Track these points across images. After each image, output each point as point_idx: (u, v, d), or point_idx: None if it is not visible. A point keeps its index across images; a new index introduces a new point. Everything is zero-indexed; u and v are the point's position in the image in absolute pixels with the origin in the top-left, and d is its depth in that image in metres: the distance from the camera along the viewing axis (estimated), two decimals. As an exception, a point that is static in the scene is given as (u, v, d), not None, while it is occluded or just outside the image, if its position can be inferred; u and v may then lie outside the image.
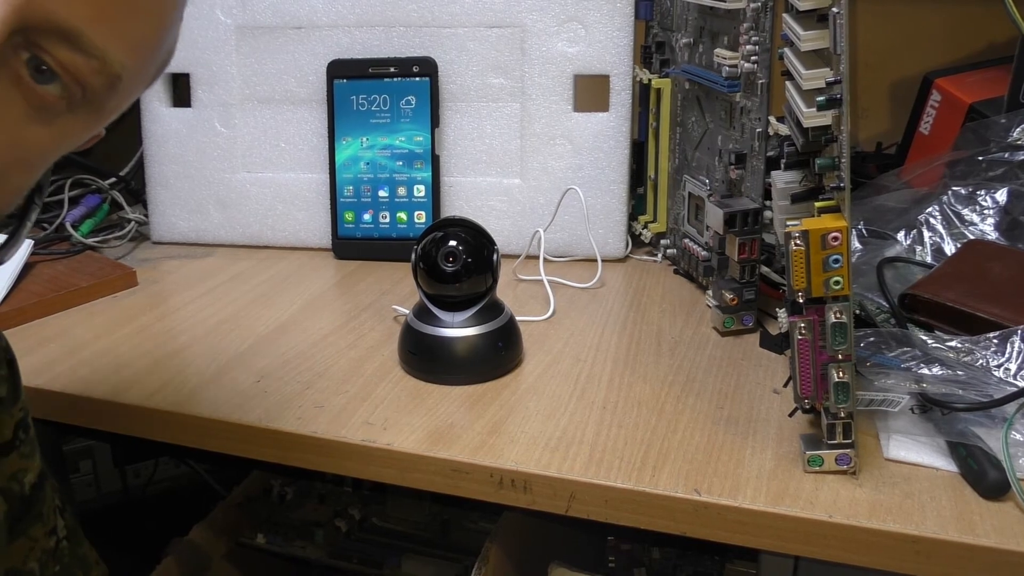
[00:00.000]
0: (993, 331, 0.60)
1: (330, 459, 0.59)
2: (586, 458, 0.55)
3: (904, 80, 1.05)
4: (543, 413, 0.61)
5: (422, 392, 0.64)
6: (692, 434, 0.58)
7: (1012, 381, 0.56)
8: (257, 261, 0.91)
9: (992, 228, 0.75)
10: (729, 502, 0.51)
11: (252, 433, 0.60)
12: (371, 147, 0.91)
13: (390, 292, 0.83)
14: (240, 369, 0.68)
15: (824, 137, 0.54)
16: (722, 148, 0.77)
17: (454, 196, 0.91)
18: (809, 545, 0.50)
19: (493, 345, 0.66)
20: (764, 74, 0.70)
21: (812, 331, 0.51)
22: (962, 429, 0.54)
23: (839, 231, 0.49)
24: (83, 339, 0.73)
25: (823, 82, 0.52)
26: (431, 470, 0.56)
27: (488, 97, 0.89)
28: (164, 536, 0.81)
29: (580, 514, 0.54)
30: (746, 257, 0.71)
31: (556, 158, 0.89)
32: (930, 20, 1.04)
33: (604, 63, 0.86)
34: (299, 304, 0.80)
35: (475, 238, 0.67)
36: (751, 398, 0.62)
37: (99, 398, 0.64)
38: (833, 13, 0.50)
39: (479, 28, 0.88)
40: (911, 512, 0.50)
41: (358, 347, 0.71)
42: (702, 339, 0.72)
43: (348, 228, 0.92)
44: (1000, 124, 0.80)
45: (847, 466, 0.53)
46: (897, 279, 0.71)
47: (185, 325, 0.76)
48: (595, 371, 0.67)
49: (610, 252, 0.89)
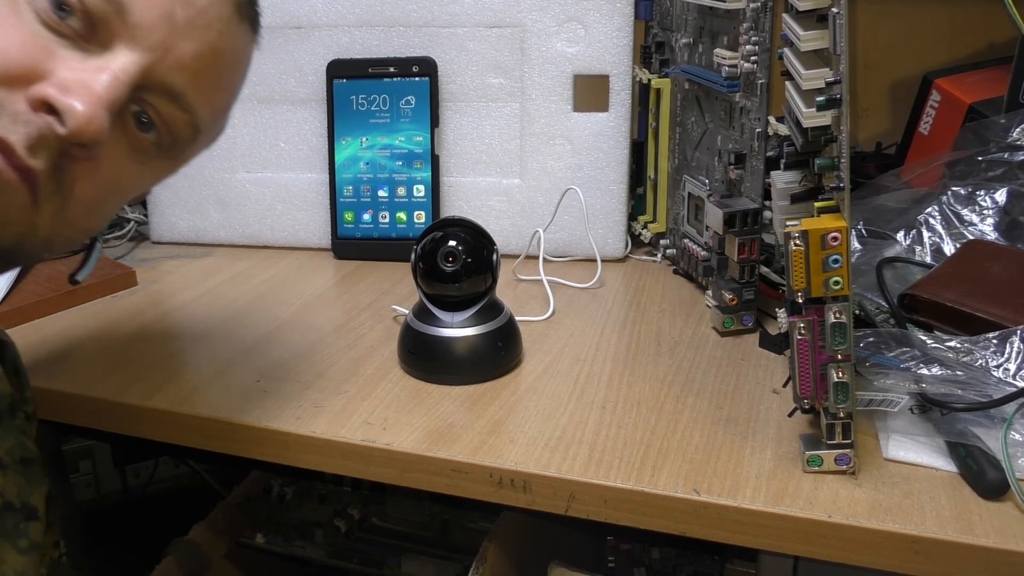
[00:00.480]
0: (992, 331, 0.60)
1: (330, 459, 0.59)
2: (585, 458, 0.55)
3: (904, 80, 1.05)
4: (543, 413, 0.61)
5: (422, 392, 0.64)
6: (692, 434, 0.58)
7: (1011, 381, 0.56)
8: (257, 261, 0.91)
9: (991, 228, 0.75)
10: (728, 502, 0.51)
11: (252, 433, 0.60)
12: (371, 147, 0.91)
13: (390, 292, 0.83)
14: (240, 369, 0.68)
15: (824, 137, 0.54)
16: (722, 148, 0.78)
17: (454, 196, 0.91)
18: (808, 545, 0.50)
19: (493, 345, 0.66)
20: (764, 74, 0.70)
21: (811, 331, 0.51)
22: (961, 429, 0.54)
23: (839, 231, 0.49)
24: (83, 339, 0.73)
25: (823, 82, 0.52)
26: (431, 470, 0.57)
27: (488, 97, 0.89)
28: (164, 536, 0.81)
29: (579, 514, 0.54)
30: (746, 257, 0.71)
31: (556, 158, 0.89)
32: (930, 20, 1.05)
33: (604, 63, 0.86)
34: (299, 304, 0.80)
35: (475, 238, 0.67)
36: (750, 398, 0.62)
37: (99, 398, 0.64)
38: (833, 13, 0.50)
39: (479, 28, 0.88)
40: (910, 512, 0.50)
41: (358, 347, 0.71)
42: (702, 339, 0.72)
43: (348, 228, 0.92)
44: (1000, 124, 0.80)
45: (846, 466, 0.53)
46: (896, 279, 0.71)
47: (185, 325, 0.76)
48: (595, 371, 0.67)
49: (610, 252, 0.89)
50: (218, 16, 0.47)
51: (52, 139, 0.42)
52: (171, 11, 0.45)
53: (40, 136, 0.41)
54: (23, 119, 0.41)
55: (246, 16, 0.50)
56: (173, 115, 0.47)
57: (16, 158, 0.41)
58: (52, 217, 0.44)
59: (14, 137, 0.41)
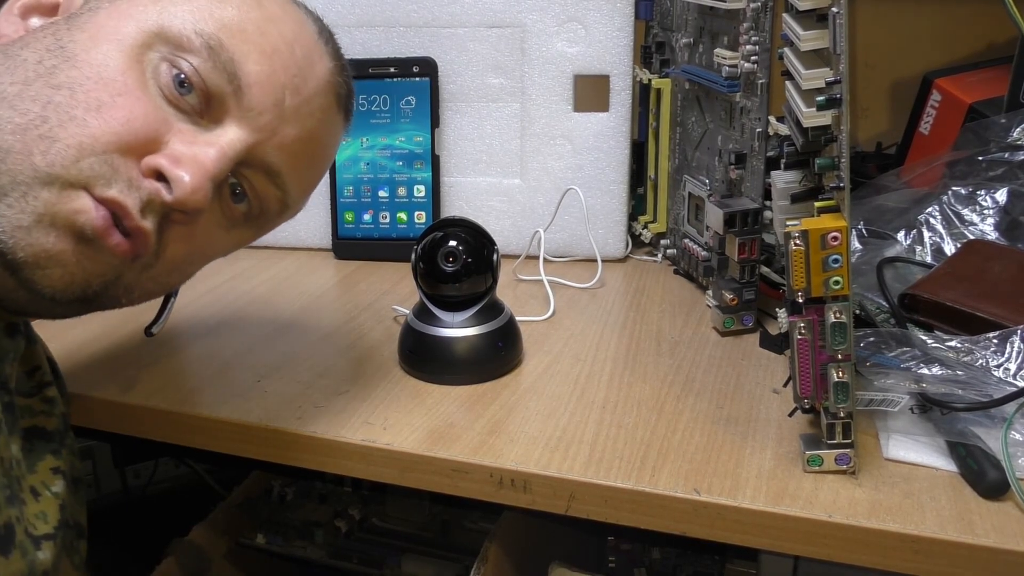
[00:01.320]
0: (993, 331, 0.60)
1: (330, 459, 0.59)
2: (586, 458, 0.55)
3: (904, 80, 1.05)
4: (543, 413, 0.61)
5: (422, 392, 0.64)
6: (692, 434, 0.58)
7: (1012, 381, 0.56)
8: (257, 261, 0.91)
9: (992, 228, 0.75)
10: (729, 502, 0.51)
11: (252, 433, 0.60)
12: (371, 147, 0.91)
13: (390, 292, 0.83)
14: (240, 369, 0.68)
15: (824, 137, 0.54)
16: (722, 148, 0.78)
17: (454, 196, 0.91)
18: (809, 545, 0.50)
19: (493, 345, 0.66)
20: (764, 74, 0.70)
21: (812, 331, 0.51)
22: (962, 429, 0.54)
23: (839, 231, 0.49)
24: (83, 339, 0.73)
25: (823, 82, 0.52)
26: (431, 470, 0.56)
27: (488, 97, 0.89)
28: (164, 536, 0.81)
29: (580, 514, 0.54)
30: (746, 257, 0.71)
31: (556, 158, 0.89)
32: (930, 20, 1.05)
33: (604, 63, 0.86)
34: (299, 304, 0.80)
35: (475, 238, 0.67)
36: (751, 398, 0.62)
37: (99, 398, 0.64)
38: (833, 13, 0.50)
39: (479, 28, 0.88)
40: (910, 512, 0.50)
41: (358, 347, 0.71)
42: (702, 339, 0.72)
43: (348, 228, 0.92)
44: (1000, 124, 0.80)
45: (846, 466, 0.53)
46: (897, 279, 0.71)
47: (185, 325, 0.76)
48: (595, 371, 0.67)
49: (610, 252, 0.89)
50: (320, 106, 0.51)
51: (158, 204, 0.45)
52: (282, 97, 0.48)
53: (150, 200, 0.45)
54: (136, 184, 0.44)
55: (343, 108, 0.55)
56: (267, 191, 0.51)
57: (131, 219, 0.44)
58: (140, 272, 0.47)
59: (130, 201, 0.44)
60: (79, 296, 0.45)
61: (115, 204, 0.43)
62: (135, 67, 0.45)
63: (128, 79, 0.44)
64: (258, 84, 0.47)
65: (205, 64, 0.46)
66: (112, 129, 0.43)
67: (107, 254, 0.44)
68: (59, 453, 0.53)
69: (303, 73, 0.50)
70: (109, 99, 0.44)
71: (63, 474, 0.53)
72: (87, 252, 0.44)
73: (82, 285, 0.45)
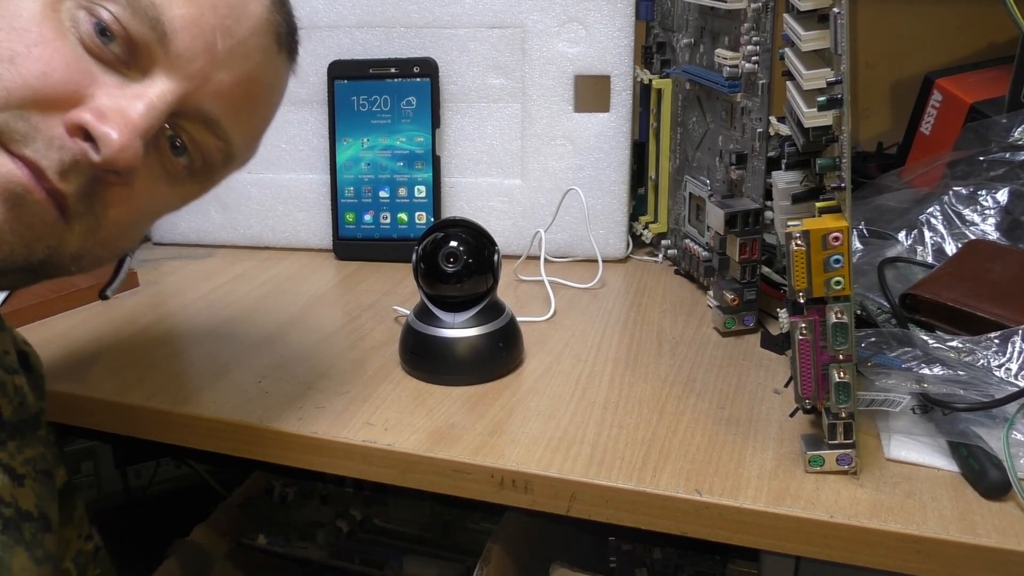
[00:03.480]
0: (994, 331, 0.60)
1: (331, 460, 0.59)
2: (587, 458, 0.55)
3: (905, 80, 1.05)
4: (544, 413, 0.61)
5: (423, 393, 0.64)
6: (693, 434, 0.58)
7: (1013, 381, 0.56)
8: (258, 262, 0.91)
9: (993, 228, 0.75)
10: (730, 502, 0.51)
11: (253, 434, 0.60)
12: (372, 148, 0.91)
13: (391, 293, 0.83)
14: (241, 370, 0.68)
15: (825, 137, 0.54)
16: (723, 148, 0.78)
17: (455, 197, 0.91)
18: (810, 545, 0.50)
19: (494, 345, 0.66)
20: (765, 74, 0.70)
21: (813, 331, 0.51)
22: (963, 429, 0.54)
23: (840, 231, 0.49)
24: (84, 340, 0.73)
25: (824, 82, 0.52)
26: (432, 470, 0.56)
27: (489, 98, 0.89)
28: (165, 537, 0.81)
29: (581, 514, 0.54)
30: (747, 257, 0.71)
31: (557, 159, 0.89)
32: (930, 20, 1.04)
33: (605, 63, 0.86)
34: (300, 305, 0.80)
35: (476, 239, 0.67)
36: (752, 398, 0.62)
37: (100, 399, 0.64)
38: (834, 13, 0.50)
39: (480, 29, 0.88)
40: (912, 512, 0.50)
41: (359, 348, 0.71)
42: (703, 339, 0.72)
43: (349, 229, 0.92)
44: (1001, 124, 0.80)
45: (848, 466, 0.53)
46: (898, 279, 0.71)
47: (186, 326, 0.76)
48: (596, 371, 0.67)
49: (611, 252, 0.89)
50: (258, 46, 0.48)
51: (85, 165, 0.42)
52: (212, 41, 0.45)
53: (73, 162, 0.41)
54: (58, 144, 0.41)
55: (285, 46, 0.51)
56: (207, 141, 0.48)
57: (46, 181, 0.41)
58: (83, 236, 0.44)
59: (46, 162, 0.41)
60: (22, 265, 0.43)
61: (30, 164, 0.40)
62: (51, 16, 0.42)
63: (44, 28, 0.41)
64: (185, 28, 0.44)
65: (124, 11, 0.42)
66: (26, 83, 0.40)
67: (39, 210, 0.41)
68: (5, 445, 0.50)
69: (234, 13, 0.46)
70: (24, 50, 0.40)
71: (10, 470, 0.49)
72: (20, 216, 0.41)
73: (24, 254, 0.42)
